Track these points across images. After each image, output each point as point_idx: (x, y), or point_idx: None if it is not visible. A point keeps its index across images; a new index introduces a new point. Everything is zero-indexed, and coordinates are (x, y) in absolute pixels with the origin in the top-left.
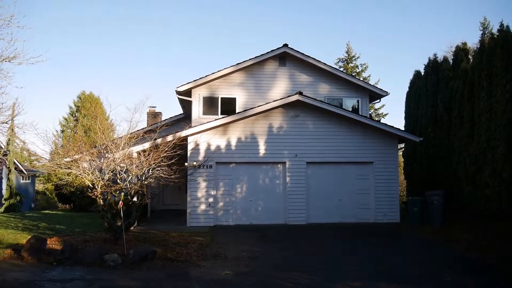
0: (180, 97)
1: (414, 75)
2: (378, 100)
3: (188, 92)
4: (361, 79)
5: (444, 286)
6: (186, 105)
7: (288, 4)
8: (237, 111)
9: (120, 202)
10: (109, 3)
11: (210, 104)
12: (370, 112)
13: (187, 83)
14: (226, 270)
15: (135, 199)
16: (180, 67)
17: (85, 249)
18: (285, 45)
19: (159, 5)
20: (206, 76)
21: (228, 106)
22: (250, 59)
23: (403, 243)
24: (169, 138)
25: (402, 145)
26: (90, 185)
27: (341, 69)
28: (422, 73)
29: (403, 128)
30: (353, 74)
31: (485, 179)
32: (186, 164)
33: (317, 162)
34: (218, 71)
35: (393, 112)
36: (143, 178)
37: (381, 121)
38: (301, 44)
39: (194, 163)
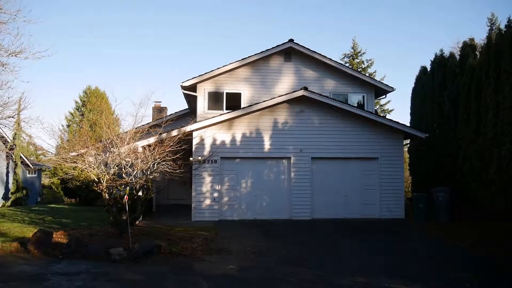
0: (185, 92)
1: (420, 71)
2: (384, 96)
3: (193, 87)
4: (367, 75)
5: (449, 283)
6: (191, 100)
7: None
8: (242, 106)
9: (126, 196)
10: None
11: (215, 99)
12: (375, 108)
13: (193, 78)
14: (231, 265)
15: (140, 193)
16: (185, 63)
17: (91, 243)
18: (291, 40)
19: (166, 3)
20: (211, 71)
21: (233, 101)
22: (255, 54)
23: (408, 239)
24: (174, 132)
25: (408, 141)
26: (96, 179)
27: (347, 64)
28: (429, 69)
29: (408, 124)
30: (359, 70)
31: (491, 176)
32: (191, 159)
33: (322, 158)
34: (224, 66)
35: (398, 108)
36: (148, 173)
37: (386, 117)
38: (307, 39)
39: (199, 158)
